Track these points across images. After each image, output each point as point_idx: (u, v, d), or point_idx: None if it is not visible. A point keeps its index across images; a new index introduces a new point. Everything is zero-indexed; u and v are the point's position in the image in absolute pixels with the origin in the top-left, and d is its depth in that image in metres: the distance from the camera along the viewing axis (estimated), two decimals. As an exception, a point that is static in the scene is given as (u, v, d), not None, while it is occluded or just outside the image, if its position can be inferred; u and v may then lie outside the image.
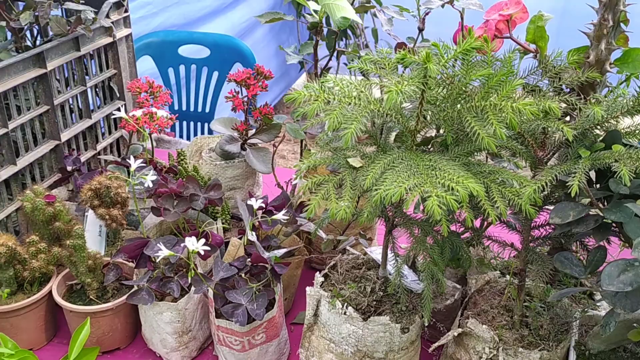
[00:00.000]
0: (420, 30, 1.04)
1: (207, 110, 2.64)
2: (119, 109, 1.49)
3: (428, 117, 0.81)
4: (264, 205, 1.08)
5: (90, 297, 1.11)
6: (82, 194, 1.12)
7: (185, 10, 2.92)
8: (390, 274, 0.97)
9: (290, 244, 1.19)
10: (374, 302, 0.94)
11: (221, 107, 2.66)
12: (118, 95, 1.54)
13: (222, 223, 1.25)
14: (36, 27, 1.38)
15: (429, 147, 0.87)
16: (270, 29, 4.27)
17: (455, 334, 0.89)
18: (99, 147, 1.49)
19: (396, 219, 0.91)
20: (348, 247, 1.06)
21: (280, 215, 1.07)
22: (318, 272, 0.99)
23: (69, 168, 1.35)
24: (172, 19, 2.82)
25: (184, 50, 2.62)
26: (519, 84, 0.74)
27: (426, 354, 1.02)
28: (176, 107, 2.64)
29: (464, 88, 0.77)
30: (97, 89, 1.48)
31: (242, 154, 1.34)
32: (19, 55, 1.20)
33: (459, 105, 0.77)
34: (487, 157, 1.00)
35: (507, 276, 1.01)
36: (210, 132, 2.63)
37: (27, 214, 1.14)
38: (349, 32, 4.38)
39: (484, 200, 0.71)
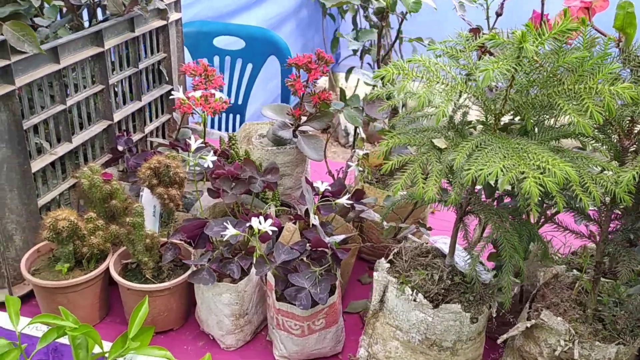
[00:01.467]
0: (498, 15, 1.03)
1: (240, 102, 2.64)
2: (168, 92, 1.49)
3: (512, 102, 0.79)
4: (329, 188, 1.07)
5: (146, 276, 1.10)
6: (140, 173, 1.12)
7: (216, 4, 2.93)
8: (456, 263, 0.95)
9: (342, 232, 1.17)
10: (442, 291, 0.92)
11: (253, 99, 2.65)
12: (167, 79, 1.54)
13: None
14: (90, 5, 1.37)
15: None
16: (297, 25, 4.27)
17: (529, 325, 0.88)
18: (147, 129, 1.49)
19: (469, 206, 0.89)
20: (409, 235, 1.05)
21: (343, 200, 1.06)
22: (383, 258, 0.98)
23: (120, 148, 1.35)
24: (203, 12, 2.82)
25: (219, 42, 2.62)
26: (616, 67, 0.72)
27: (488, 347, 1.01)
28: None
29: (555, 71, 0.75)
30: (146, 72, 1.47)
31: (293, 140, 1.33)
32: (78, 33, 1.20)
33: (549, 89, 0.75)
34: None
35: (575, 270, 1.00)
36: (240, 124, 2.63)
37: (84, 191, 1.14)
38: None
39: (576, 185, 0.70)
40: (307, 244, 1.04)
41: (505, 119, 0.85)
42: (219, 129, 2.68)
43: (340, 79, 4.93)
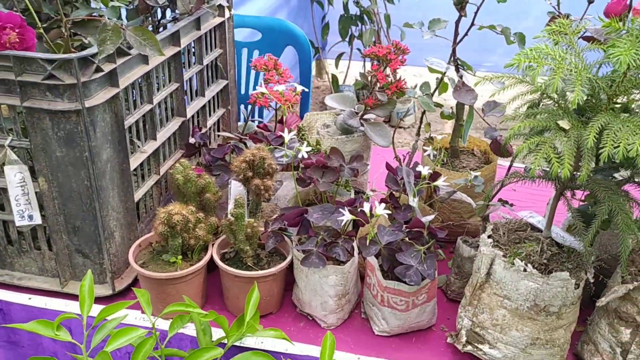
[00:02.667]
0: (590, 2, 1.10)
1: (260, 93, 2.68)
2: (225, 87, 1.54)
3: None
4: (431, 172, 1.14)
5: (248, 263, 1.15)
6: (235, 166, 1.17)
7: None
8: (554, 235, 1.03)
9: (423, 214, 1.25)
10: (545, 261, 1.00)
11: (272, 90, 2.70)
12: (224, 74, 1.58)
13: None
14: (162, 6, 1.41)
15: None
16: (288, 13, 4.31)
17: (631, 287, 0.96)
18: (209, 123, 1.53)
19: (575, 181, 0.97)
20: (501, 213, 1.13)
21: (440, 183, 1.13)
22: (484, 235, 1.05)
23: (193, 142, 1.39)
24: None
25: (235, 34, 2.65)
26: None
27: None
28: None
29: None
30: (207, 68, 1.51)
31: (359, 129, 1.39)
32: (161, 34, 1.24)
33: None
34: None
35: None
36: (259, 114, 2.67)
37: (179, 186, 1.19)
38: (365, 17, 4.45)
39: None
40: (404, 225, 1.11)
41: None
42: (238, 121, 2.73)
43: (328, 66, 4.98)
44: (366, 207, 1.05)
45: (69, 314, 0.93)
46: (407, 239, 1.09)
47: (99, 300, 1.18)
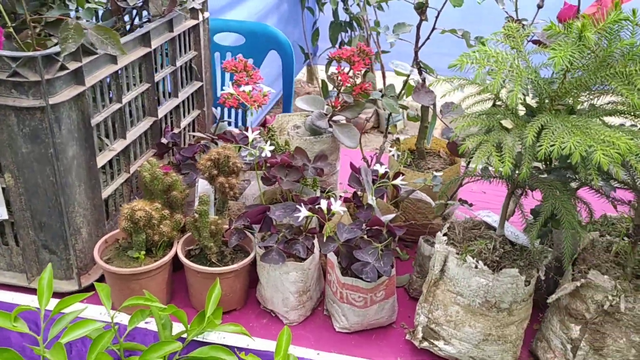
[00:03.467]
0: (540, 7, 1.13)
1: (243, 96, 2.70)
2: (199, 89, 1.56)
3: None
4: (388, 171, 1.16)
5: (212, 260, 1.18)
6: (200, 165, 1.19)
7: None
8: (507, 233, 1.06)
9: (385, 212, 1.27)
10: (497, 258, 1.02)
11: (255, 94, 2.72)
12: (198, 75, 1.61)
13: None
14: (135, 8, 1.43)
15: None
16: (279, 19, 4.34)
17: (578, 284, 0.99)
18: (182, 124, 1.56)
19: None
20: (460, 212, 1.15)
21: (398, 181, 1.15)
22: (439, 233, 1.08)
23: (165, 142, 1.42)
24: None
25: (219, 38, 2.68)
26: (662, 52, 0.83)
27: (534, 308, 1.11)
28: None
29: (606, 57, 0.86)
30: (181, 70, 1.54)
31: (328, 130, 1.42)
32: (131, 34, 1.26)
33: (600, 73, 0.86)
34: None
35: (607, 236, 1.11)
36: (242, 117, 2.70)
37: (146, 183, 1.21)
38: (355, 24, 4.49)
39: (632, 157, 0.80)
40: (364, 223, 1.14)
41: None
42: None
43: (319, 71, 5.02)
44: (324, 204, 1.07)
45: (26, 307, 0.95)
46: (365, 236, 1.12)
47: (65, 295, 1.20)
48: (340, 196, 1.18)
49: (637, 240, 0.99)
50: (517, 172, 0.86)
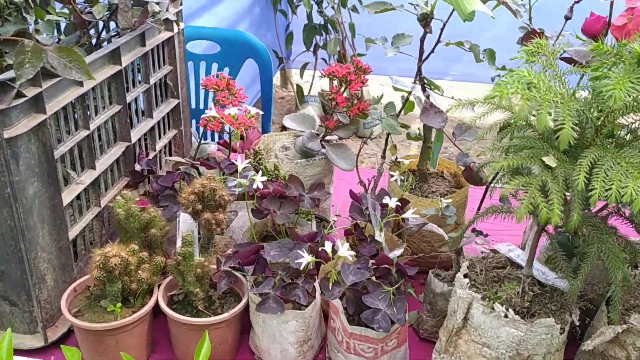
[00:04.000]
0: (567, 18, 1.01)
1: (219, 107, 2.56)
2: (175, 107, 1.42)
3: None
4: (399, 204, 1.03)
5: (199, 307, 1.03)
6: (183, 199, 1.05)
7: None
8: (536, 273, 0.94)
9: (390, 246, 1.14)
10: (527, 304, 0.91)
11: (232, 105, 2.58)
12: (174, 93, 1.46)
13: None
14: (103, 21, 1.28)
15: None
16: (251, 23, 4.19)
17: (620, 330, 0.87)
18: (158, 146, 1.41)
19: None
20: (477, 246, 1.03)
21: (409, 214, 1.03)
22: (459, 274, 0.95)
23: (139, 169, 1.27)
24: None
25: (192, 47, 2.53)
26: None
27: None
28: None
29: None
30: (155, 87, 1.39)
31: (321, 151, 1.29)
32: (99, 51, 1.11)
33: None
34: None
35: (638, 268, 1.00)
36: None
37: (120, 221, 1.06)
38: (329, 27, 4.36)
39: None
40: (371, 261, 1.01)
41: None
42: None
43: (293, 75, 4.88)
44: (328, 247, 0.94)
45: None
46: (373, 277, 0.99)
47: (29, 353, 1.04)
48: (346, 231, 1.05)
49: (682, 278, 0.88)
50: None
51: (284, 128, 1.36)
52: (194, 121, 2.55)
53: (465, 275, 0.96)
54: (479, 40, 1.18)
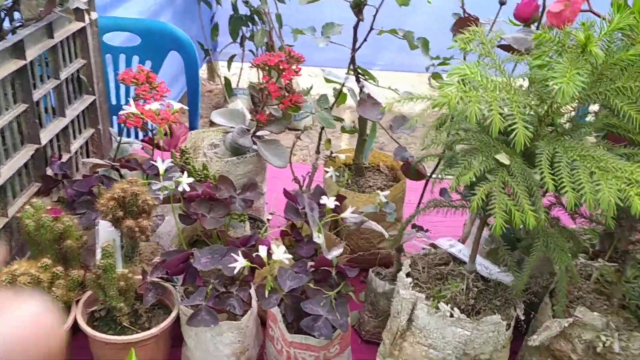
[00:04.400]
0: (502, 4, 0.98)
1: (142, 103, 2.43)
2: (91, 104, 1.32)
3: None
4: (338, 203, 0.97)
5: (123, 323, 0.95)
6: (101, 205, 0.95)
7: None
8: (479, 269, 0.91)
9: (329, 245, 1.09)
10: (472, 301, 0.87)
11: (156, 100, 2.46)
12: (89, 88, 1.35)
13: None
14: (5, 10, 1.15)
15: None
16: (173, 14, 4.03)
17: (566, 324, 0.85)
18: (72, 148, 1.29)
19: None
20: (418, 242, 0.99)
21: (348, 214, 0.97)
22: (402, 273, 0.91)
23: (51, 173, 1.16)
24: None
25: (110, 39, 2.39)
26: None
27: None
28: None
29: (604, 70, 0.72)
30: (66, 83, 1.27)
31: (253, 148, 1.22)
32: (-2, 44, 1.00)
33: (598, 88, 0.72)
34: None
35: (581, 259, 0.99)
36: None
37: (30, 233, 0.96)
38: (256, 17, 4.27)
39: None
40: (309, 264, 0.95)
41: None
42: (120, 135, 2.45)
43: (220, 68, 4.76)
44: (262, 251, 0.87)
45: None
46: (312, 281, 0.93)
47: None
48: (282, 231, 0.98)
49: (623, 268, 0.87)
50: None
51: (212, 124, 1.28)
52: (115, 118, 2.42)
53: (408, 274, 0.91)
54: (412, 28, 1.14)
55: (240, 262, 0.86)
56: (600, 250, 1.08)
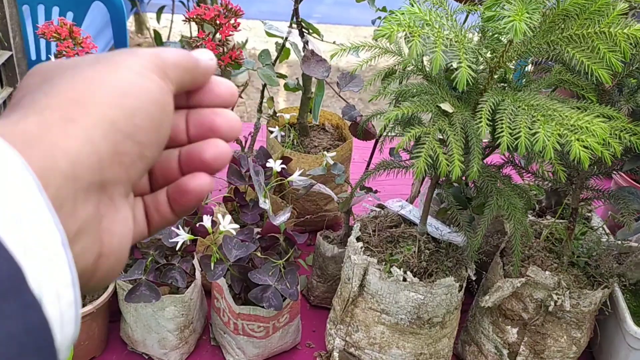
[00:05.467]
0: None
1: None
2: (8, 60, 1.21)
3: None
4: (285, 167, 0.92)
5: (55, 302, 0.87)
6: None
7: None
8: (430, 230, 0.88)
9: (275, 209, 1.04)
10: (424, 263, 0.85)
11: (81, 55, 2.30)
12: (5, 44, 1.22)
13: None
14: None
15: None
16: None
17: (518, 284, 0.84)
18: (-11, 111, 1.18)
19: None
20: (367, 205, 0.96)
21: (296, 177, 0.92)
22: (352, 237, 0.88)
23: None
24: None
25: (26, -12, 2.20)
26: (624, 8, 0.67)
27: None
28: (24, 57, 2.22)
29: (556, 17, 0.69)
30: (-22, 37, 1.15)
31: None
32: None
33: (551, 36, 0.69)
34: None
35: (530, 217, 0.98)
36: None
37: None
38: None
39: (612, 145, 0.65)
40: (256, 231, 0.90)
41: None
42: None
43: (149, 20, 4.53)
44: (207, 221, 0.81)
45: None
46: (260, 249, 0.89)
47: None
48: (224, 197, 0.92)
49: (573, 226, 0.87)
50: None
51: None
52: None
53: (358, 239, 0.88)
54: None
55: (182, 236, 0.80)
56: (547, 207, 1.08)
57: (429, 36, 0.64)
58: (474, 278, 0.88)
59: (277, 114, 1.12)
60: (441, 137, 0.68)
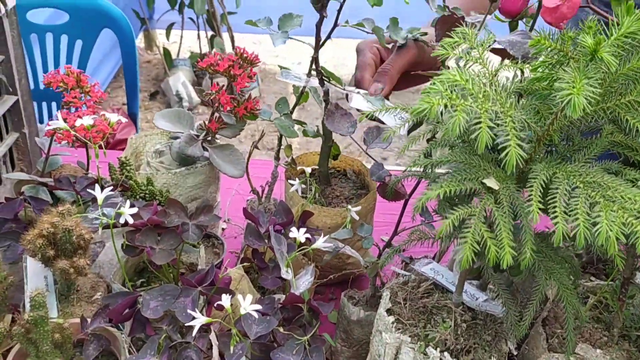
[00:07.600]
0: (493, 1, 0.86)
1: (74, 86, 2.22)
2: (14, 105, 1.15)
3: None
4: (309, 236, 0.85)
5: (61, 382, 0.81)
6: (28, 242, 0.81)
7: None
8: (467, 299, 0.81)
9: (296, 268, 0.98)
10: (461, 339, 0.78)
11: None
12: (10, 88, 1.17)
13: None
14: None
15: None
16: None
17: (569, 361, 0.77)
18: (-7, 160, 1.13)
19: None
20: (396, 269, 0.89)
21: (320, 243, 0.85)
22: (381, 309, 0.81)
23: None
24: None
25: (34, 16, 2.16)
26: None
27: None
28: (32, 86, 2.18)
29: (613, 82, 0.62)
30: (-19, 83, 1.10)
31: (203, 155, 1.08)
32: None
33: (607, 103, 0.62)
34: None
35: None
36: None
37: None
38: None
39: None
40: (278, 299, 0.83)
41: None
42: (41, 120, 2.22)
43: (158, 36, 4.50)
44: (225, 301, 0.75)
45: None
46: (282, 324, 0.82)
47: None
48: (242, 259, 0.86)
49: (625, 296, 0.80)
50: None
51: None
52: (44, 104, 2.21)
53: (389, 311, 0.81)
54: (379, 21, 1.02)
55: (199, 320, 0.73)
56: (588, 263, 1.01)
57: (473, 109, 0.57)
58: (515, 353, 0.81)
59: (299, 168, 1.05)
60: (485, 215, 0.61)
